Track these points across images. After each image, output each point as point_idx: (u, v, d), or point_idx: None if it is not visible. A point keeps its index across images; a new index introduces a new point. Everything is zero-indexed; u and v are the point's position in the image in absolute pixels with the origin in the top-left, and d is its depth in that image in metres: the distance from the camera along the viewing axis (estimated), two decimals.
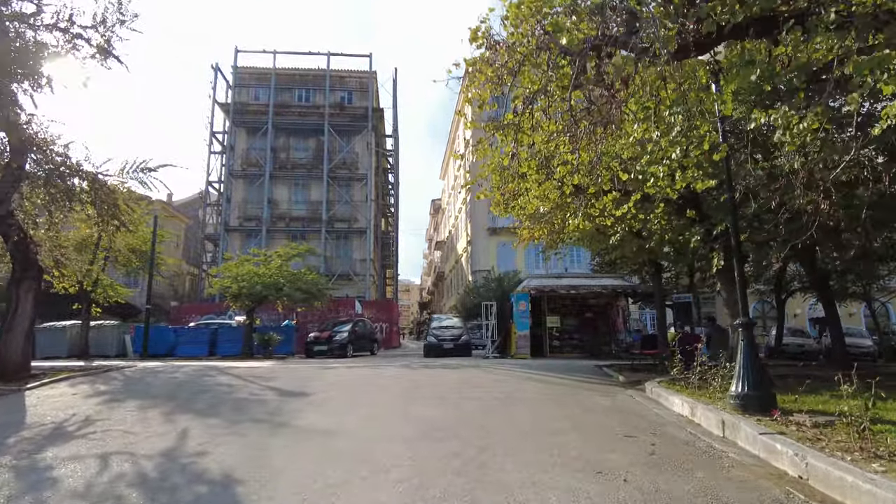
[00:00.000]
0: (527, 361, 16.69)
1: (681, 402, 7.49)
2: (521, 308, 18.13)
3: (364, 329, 23.06)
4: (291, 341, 21.83)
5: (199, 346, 21.25)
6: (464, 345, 20.76)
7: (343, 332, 21.33)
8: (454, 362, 15.98)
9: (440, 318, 22.84)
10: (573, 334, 19.44)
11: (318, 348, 20.85)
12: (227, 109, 35.55)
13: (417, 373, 12.08)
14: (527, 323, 18.13)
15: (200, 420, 6.79)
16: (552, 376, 11.50)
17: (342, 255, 34.79)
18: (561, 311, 19.42)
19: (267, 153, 34.46)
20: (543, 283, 18.62)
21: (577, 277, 19.96)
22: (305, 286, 20.26)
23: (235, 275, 20.37)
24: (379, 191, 39.06)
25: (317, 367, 14.13)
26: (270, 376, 11.44)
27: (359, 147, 36.04)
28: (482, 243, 36.16)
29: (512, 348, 18.52)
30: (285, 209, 35.12)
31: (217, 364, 15.82)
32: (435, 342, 20.69)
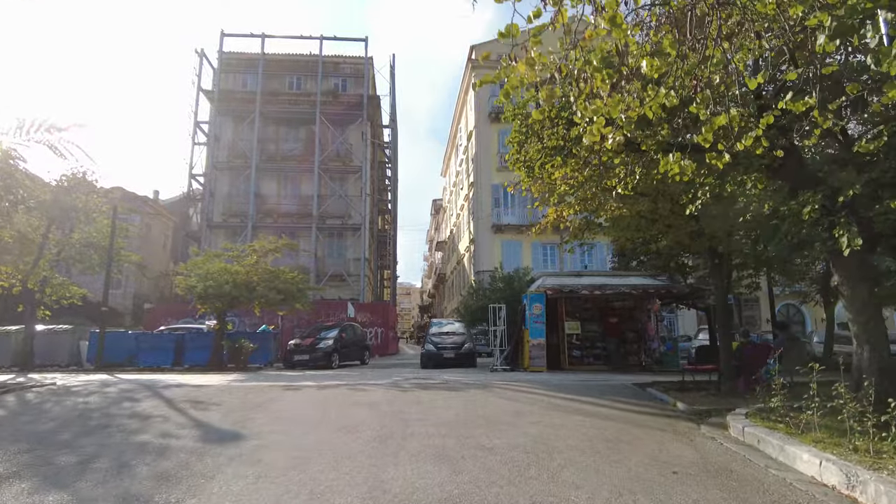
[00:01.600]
0: (544, 376, 13.83)
1: (817, 461, 4.65)
2: (535, 311, 15.30)
3: (353, 335, 20.23)
4: (269, 349, 19.00)
5: (162, 354, 18.40)
6: (467, 354, 17.92)
7: (328, 338, 18.50)
8: (456, 377, 13.13)
9: (440, 322, 20.02)
10: (595, 343, 16.60)
11: (299, 357, 18.04)
12: (213, 97, 32.82)
13: (408, 396, 9.23)
14: (542, 329, 15.29)
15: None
16: (587, 402, 8.64)
17: (335, 254, 31.98)
18: (581, 315, 16.60)
19: (253, 143, 31.69)
20: (561, 281, 15.78)
21: (599, 275, 17.12)
22: (283, 286, 17.44)
23: (205, 272, 17.55)
24: (375, 185, 36.29)
25: (283, 384, 11.28)
26: (213, 400, 8.61)
27: (353, 138, 33.26)
28: (486, 242, 33.31)
29: (524, 359, 15.67)
30: (273, 204, 32.32)
31: (169, 378, 12.99)
32: (434, 351, 17.86)
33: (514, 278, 17.34)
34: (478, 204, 33.88)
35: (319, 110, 32.20)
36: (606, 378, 13.01)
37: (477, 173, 34.36)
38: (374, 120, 35.04)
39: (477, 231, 34.04)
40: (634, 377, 13.31)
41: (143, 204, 41.41)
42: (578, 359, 16.32)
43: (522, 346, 16.02)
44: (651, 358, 15.67)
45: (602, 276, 16.75)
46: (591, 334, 16.58)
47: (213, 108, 33.04)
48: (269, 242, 18.49)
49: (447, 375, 13.86)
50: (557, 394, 9.63)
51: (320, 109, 32.28)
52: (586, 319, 16.64)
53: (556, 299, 16.09)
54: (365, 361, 20.62)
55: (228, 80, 34.04)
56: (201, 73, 33.24)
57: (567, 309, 16.35)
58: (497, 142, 34.48)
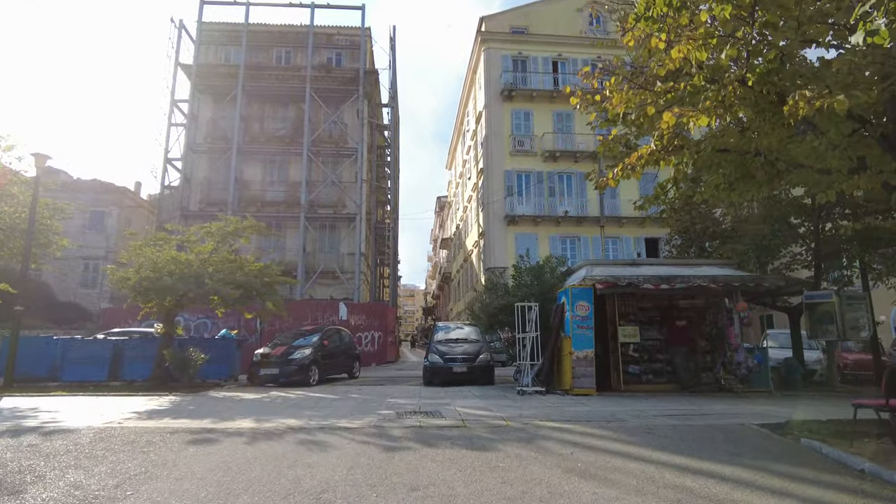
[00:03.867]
0: (599, 405, 9.54)
1: None
2: (580, 312, 10.98)
3: (339, 342, 15.94)
4: (231, 359, 14.71)
5: (95, 366, 14.17)
6: (482, 368, 13.62)
7: (305, 347, 14.22)
8: (474, 408, 8.82)
9: (446, 326, 15.71)
10: (655, 354, 12.29)
11: (267, 371, 13.77)
12: (191, 73, 28.67)
13: (395, 467, 4.93)
14: (590, 337, 10.95)
15: None
16: (729, 480, 4.31)
17: (326, 248, 27.71)
18: (636, 316, 12.30)
19: (235, 122, 27.50)
20: (614, 272, 11.43)
21: (661, 264, 12.71)
22: (242, 279, 13.18)
23: (146, 261, 13.32)
24: (373, 171, 32.04)
25: (205, 424, 6.99)
26: (15, 485, 4.34)
27: (348, 117, 29.04)
28: (497, 235, 29.03)
29: (564, 378, 11.33)
30: (257, 191, 28.10)
31: (56, 406, 8.73)
32: (440, 364, 13.56)
33: (545, 269, 12.99)
34: (488, 193, 29.60)
35: (310, 86, 28.00)
36: (692, 408, 8.67)
37: (487, 159, 30.10)
38: (372, 98, 30.83)
39: (487, 223, 29.75)
40: (731, 406, 8.98)
41: (123, 196, 37.36)
42: (636, 376, 11.97)
43: (560, 359, 11.68)
44: (734, 374, 11.33)
45: (666, 266, 12.39)
46: (651, 343, 12.24)
47: (191, 85, 28.88)
48: (229, 223, 14.22)
49: (460, 403, 9.55)
50: (660, 454, 5.32)
51: (311, 85, 28.08)
52: (643, 322, 12.30)
53: (606, 296, 11.76)
54: (354, 374, 16.32)
55: (209, 54, 29.89)
56: (179, 46, 29.09)
57: (620, 310, 12.01)
58: (510, 123, 30.27)
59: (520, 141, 29.85)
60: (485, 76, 31.01)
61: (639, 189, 30.49)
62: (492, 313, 12.89)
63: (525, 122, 30.44)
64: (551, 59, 31.53)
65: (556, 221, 28.96)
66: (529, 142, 29.94)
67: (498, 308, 12.59)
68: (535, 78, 30.93)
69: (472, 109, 35.32)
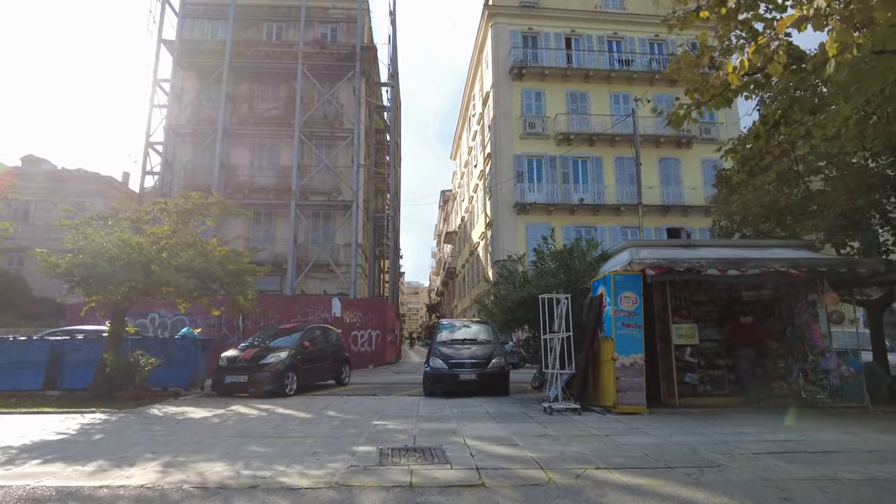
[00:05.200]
0: (658, 430, 6.99)
1: None
2: (624, 307, 8.37)
3: (324, 343, 13.34)
4: (194, 363, 12.13)
5: (28, 371, 11.63)
6: (496, 375, 11.02)
7: (280, 350, 11.65)
8: (492, 443, 6.22)
9: (451, 324, 13.11)
10: (714, 359, 9.67)
11: (234, 379, 11.22)
12: (174, 49, 26.13)
13: None
14: (638, 338, 8.35)
15: None
16: None
17: (320, 239, 25.12)
18: (690, 312, 9.70)
19: (221, 102, 24.94)
20: (666, 254, 8.75)
21: (723, 245, 9.94)
22: (201, 267, 10.62)
23: (97, 245, 10.79)
24: (371, 156, 29.39)
25: (92, 469, 4.40)
26: None
27: (344, 97, 26.42)
28: (507, 225, 26.42)
29: (604, 391, 8.70)
30: (245, 177, 25.53)
31: None
32: (444, 370, 10.97)
33: (574, 253, 10.33)
34: (496, 180, 26.96)
35: (303, 63, 25.41)
36: (796, 439, 6.06)
37: (495, 143, 27.46)
38: (370, 77, 28.22)
39: (495, 212, 27.13)
40: (847, 433, 6.37)
41: (109, 186, 34.94)
42: (693, 388, 9.33)
43: (597, 366, 9.05)
44: (820, 385, 8.72)
45: (728, 247, 9.73)
46: (709, 346, 9.62)
47: (173, 62, 26.34)
48: (188, 200, 11.63)
49: (470, 429, 6.97)
50: None
51: (304, 62, 25.48)
52: (697, 319, 9.68)
53: (653, 286, 9.14)
54: (342, 380, 13.74)
55: (194, 29, 27.36)
56: (162, 20, 26.55)
57: (672, 303, 9.38)
58: (520, 103, 27.60)
59: (530, 123, 27.19)
60: (492, 54, 28.35)
61: (659, 174, 27.90)
62: (508, 308, 10.21)
63: (536, 102, 27.77)
64: (564, 35, 28.82)
65: (570, 209, 26.30)
66: (541, 123, 27.27)
67: (516, 301, 9.92)
68: (546, 55, 28.24)
69: (479, 91, 32.66)
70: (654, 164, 27.84)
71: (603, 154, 27.39)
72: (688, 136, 27.73)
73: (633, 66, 28.64)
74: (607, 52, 28.81)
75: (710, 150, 28.37)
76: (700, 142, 28.17)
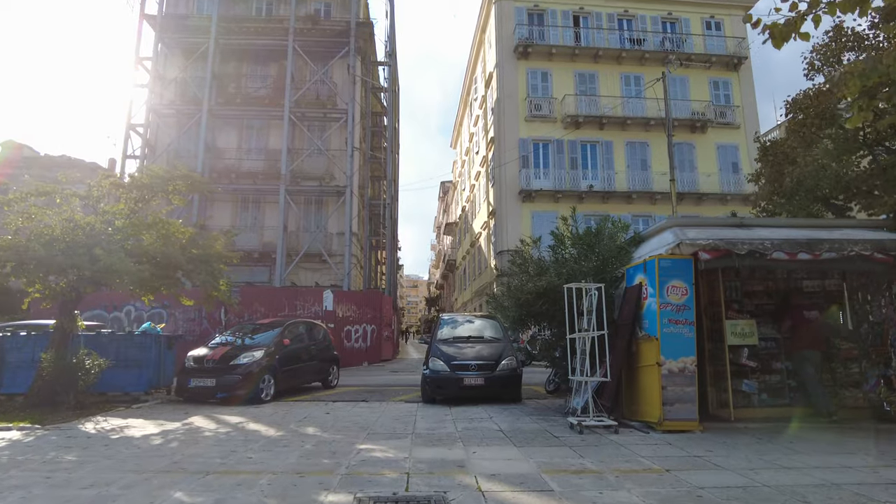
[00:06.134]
0: (727, 458, 5.35)
1: None
2: (671, 299, 6.67)
3: (308, 341, 11.61)
4: (156, 364, 10.42)
5: None
6: (506, 378, 9.34)
7: (255, 348, 9.94)
8: (513, 484, 4.51)
9: (453, 319, 11.44)
10: (770, 362, 7.99)
11: (199, 383, 9.51)
12: (157, 24, 24.28)
13: None
14: (690, 338, 6.65)
15: None
16: None
17: (312, 227, 23.37)
18: (742, 305, 8.00)
19: (207, 81, 23.13)
20: (721, 234, 7.01)
21: (783, 226, 8.17)
22: (158, 251, 8.89)
23: (38, 228, 9.07)
24: (367, 140, 27.55)
25: None
26: None
27: (338, 75, 24.62)
28: (511, 213, 24.69)
29: (645, 402, 6.98)
30: (232, 160, 23.74)
31: None
32: (445, 372, 9.29)
33: (600, 235, 8.59)
34: (500, 165, 25.22)
35: (294, 39, 23.58)
36: None
37: (499, 126, 25.69)
38: (366, 56, 26.37)
39: (499, 200, 25.41)
40: None
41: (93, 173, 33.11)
42: (743, 396, 7.64)
43: (634, 371, 7.34)
44: None
45: (789, 228, 7.98)
46: (765, 346, 7.94)
47: (156, 38, 24.51)
48: (148, 174, 9.87)
49: (480, 459, 5.30)
50: None
51: (295, 39, 23.65)
52: (750, 314, 7.98)
53: (701, 273, 7.42)
54: (330, 382, 12.04)
55: (178, 3, 25.50)
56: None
57: (715, 296, 7.67)
58: (525, 84, 25.81)
59: (536, 104, 25.39)
60: (496, 32, 26.51)
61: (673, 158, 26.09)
62: (524, 301, 8.41)
63: (543, 83, 25.97)
64: (572, 12, 26.97)
65: (578, 197, 24.55)
66: (548, 105, 25.48)
67: (534, 293, 8.15)
68: (553, 33, 26.41)
69: (482, 74, 30.83)
70: (667, 149, 26.04)
71: (613, 138, 25.62)
72: (702, 120, 25.97)
73: (644, 46, 26.84)
74: (618, 31, 26.99)
75: (726, 135, 26.67)
76: (715, 126, 26.40)
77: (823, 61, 10.93)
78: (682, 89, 26.77)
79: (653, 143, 25.92)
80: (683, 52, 26.41)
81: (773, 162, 10.57)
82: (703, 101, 26.46)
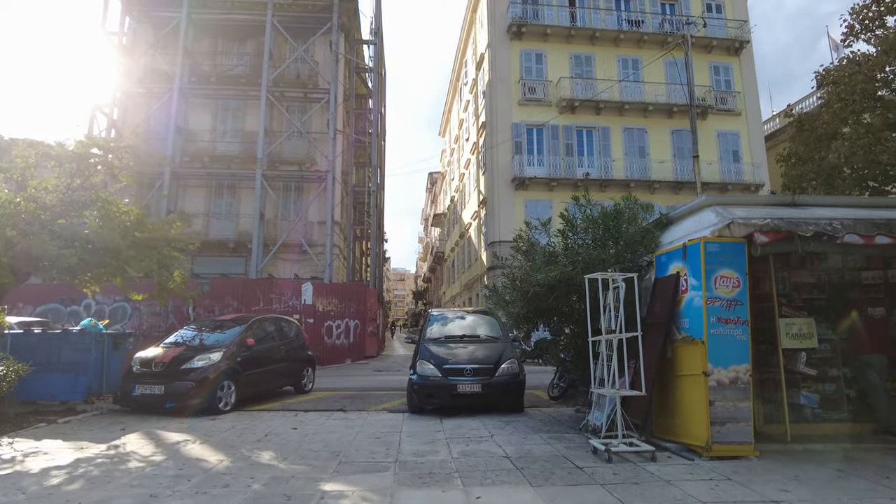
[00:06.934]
0: None
1: None
2: (720, 292, 5.33)
3: (277, 340, 10.08)
4: (93, 367, 8.85)
5: None
6: (508, 386, 7.96)
7: (212, 351, 8.40)
8: None
9: (443, 316, 10.00)
10: (826, 368, 6.70)
11: (146, 391, 7.96)
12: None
13: None
14: (744, 341, 5.30)
15: None
16: None
17: (291, 215, 21.75)
18: (791, 300, 6.69)
19: (178, 57, 21.33)
20: (776, 214, 5.72)
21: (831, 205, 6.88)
22: (93, 233, 7.31)
23: None
24: (351, 123, 25.90)
25: None
26: None
27: (320, 53, 22.94)
28: (503, 201, 23.27)
29: (687, 420, 5.61)
30: (206, 143, 21.99)
31: None
32: (436, 378, 7.87)
33: (623, 215, 7.16)
34: (492, 152, 23.77)
35: (272, 14, 21.85)
36: None
37: (490, 110, 24.21)
38: (351, 33, 24.68)
39: (491, 188, 23.97)
40: None
41: None
42: (796, 409, 6.33)
43: (670, 381, 5.95)
44: None
45: (848, 207, 6.65)
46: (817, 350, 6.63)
47: (123, 11, 22.64)
48: (79, 143, 8.27)
49: (489, 498, 3.86)
50: None
51: (274, 14, 21.92)
52: (811, 311, 6.66)
53: (757, 260, 6.03)
54: (303, 386, 10.54)
55: None
56: None
57: (764, 288, 6.34)
58: (519, 66, 24.34)
59: (530, 87, 23.95)
60: (488, 11, 24.97)
61: (671, 147, 24.90)
62: (533, 295, 6.87)
63: (537, 65, 24.51)
64: None
65: (574, 185, 23.10)
66: (542, 88, 24.05)
67: (546, 284, 6.61)
68: (548, 12, 24.94)
69: (472, 56, 29.28)
70: (666, 136, 24.84)
71: (611, 124, 24.27)
72: (703, 105, 24.68)
73: (643, 28, 25.48)
74: (615, 11, 25.58)
75: (727, 122, 25.48)
76: (715, 112, 25.18)
77: (864, 27, 9.63)
78: (681, 73, 25.45)
79: (651, 130, 24.65)
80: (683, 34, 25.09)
81: (810, 138, 9.26)
82: (704, 87, 25.19)
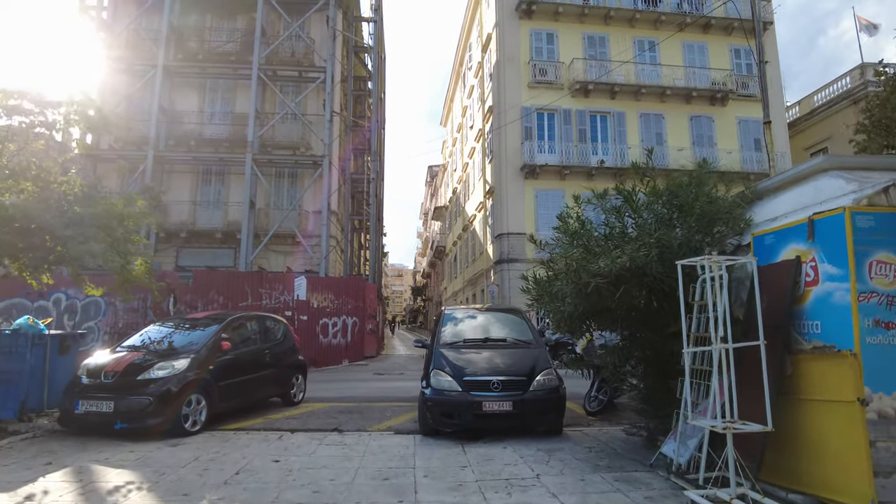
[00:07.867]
0: None
1: None
2: (879, 283, 3.78)
3: (261, 343, 8.42)
4: (28, 378, 7.21)
5: None
6: (545, 403, 6.35)
7: (177, 357, 6.75)
8: None
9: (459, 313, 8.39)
10: None
11: (91, 408, 6.29)
12: None
13: None
14: None
15: None
16: None
17: (284, 203, 20.07)
18: None
19: (163, 32, 19.59)
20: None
21: None
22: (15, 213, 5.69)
23: None
24: (349, 106, 24.17)
25: None
26: None
27: (316, 30, 21.23)
28: (512, 191, 21.64)
29: (835, 467, 4.01)
30: (193, 125, 20.26)
31: None
32: (456, 394, 6.25)
33: (701, 187, 5.51)
34: (499, 138, 22.11)
35: None
36: None
37: (498, 93, 22.53)
38: (349, 10, 22.98)
39: (498, 177, 22.32)
40: None
41: None
42: None
43: (791, 407, 4.34)
44: None
45: None
46: None
47: None
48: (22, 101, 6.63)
49: None
50: None
51: None
52: None
53: None
54: (293, 397, 8.89)
55: None
56: None
57: None
58: (528, 46, 22.68)
59: (541, 69, 22.28)
60: None
61: (690, 134, 23.31)
62: (591, 290, 5.00)
63: (548, 45, 22.85)
64: None
65: (587, 173, 21.56)
66: (553, 70, 22.39)
67: (612, 274, 4.77)
68: None
69: (477, 38, 27.56)
70: (685, 122, 23.25)
71: (626, 109, 22.65)
72: (723, 91, 23.12)
73: (660, 7, 23.84)
74: None
75: (748, 109, 23.86)
76: (736, 98, 23.58)
77: None
78: (700, 57, 23.92)
79: (668, 115, 23.05)
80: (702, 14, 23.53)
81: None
82: (724, 70, 23.61)
